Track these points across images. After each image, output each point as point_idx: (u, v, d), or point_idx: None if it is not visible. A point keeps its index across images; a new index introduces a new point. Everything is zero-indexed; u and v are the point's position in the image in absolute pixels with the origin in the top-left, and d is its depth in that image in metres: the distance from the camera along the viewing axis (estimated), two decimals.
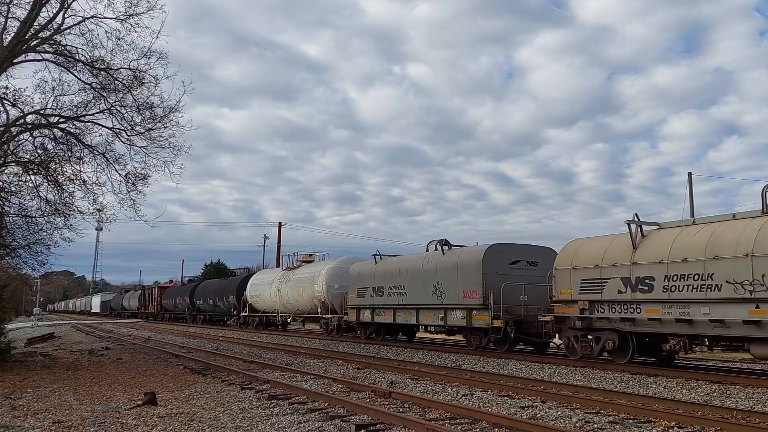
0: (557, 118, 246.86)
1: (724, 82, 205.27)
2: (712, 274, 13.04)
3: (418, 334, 26.03)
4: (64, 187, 17.86)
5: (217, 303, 44.99)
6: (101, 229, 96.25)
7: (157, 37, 16.65)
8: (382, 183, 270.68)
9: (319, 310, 29.94)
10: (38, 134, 17.91)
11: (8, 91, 17.21)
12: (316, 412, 9.33)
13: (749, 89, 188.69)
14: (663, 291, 13.94)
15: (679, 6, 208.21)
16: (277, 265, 57.14)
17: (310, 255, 35.31)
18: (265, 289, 36.42)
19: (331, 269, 29.89)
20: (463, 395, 10.93)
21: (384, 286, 23.86)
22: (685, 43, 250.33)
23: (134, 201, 17.95)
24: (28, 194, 18.38)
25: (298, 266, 34.57)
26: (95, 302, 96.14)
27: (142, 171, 18.03)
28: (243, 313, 39.86)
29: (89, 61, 16.88)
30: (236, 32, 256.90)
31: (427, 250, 22.95)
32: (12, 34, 16.03)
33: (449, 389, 11.65)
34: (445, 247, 21.64)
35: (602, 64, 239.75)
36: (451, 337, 24.06)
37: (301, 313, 33.36)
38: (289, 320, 36.23)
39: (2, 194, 18.30)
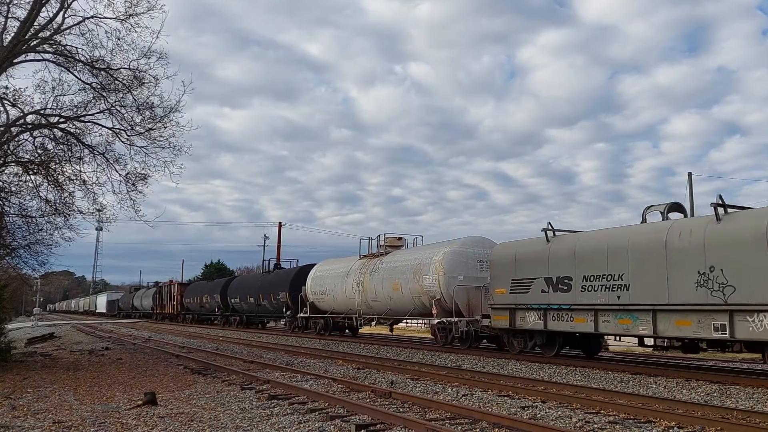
0: (559, 118, 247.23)
1: (727, 81, 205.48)
2: None
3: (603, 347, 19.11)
4: (64, 187, 17.90)
5: (261, 302, 36.60)
6: (101, 229, 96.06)
7: (157, 37, 16.67)
8: (382, 183, 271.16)
9: (434, 311, 21.59)
10: (38, 134, 17.93)
11: (8, 91, 17.25)
12: (317, 412, 9.33)
13: (752, 89, 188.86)
14: None
15: (681, 5, 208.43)
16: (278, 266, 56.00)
17: (399, 238, 27.12)
18: (337, 283, 28.20)
19: (451, 254, 21.73)
20: (463, 395, 10.92)
21: (572, 275, 15.93)
22: (687, 42, 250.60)
23: (134, 201, 17.98)
24: (28, 194, 18.42)
25: (385, 252, 26.50)
26: (101, 302, 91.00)
27: (142, 171, 18.06)
28: (302, 314, 31.33)
29: (89, 61, 16.89)
30: (237, 31, 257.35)
31: (644, 220, 15.73)
32: (12, 34, 16.04)
33: (449, 389, 11.65)
34: (720, 209, 13.26)
35: (604, 64, 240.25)
36: (689, 355, 16.73)
37: (396, 314, 25.05)
38: (373, 323, 27.38)
39: (2, 194, 18.31)
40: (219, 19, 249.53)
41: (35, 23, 16.13)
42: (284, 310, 34.14)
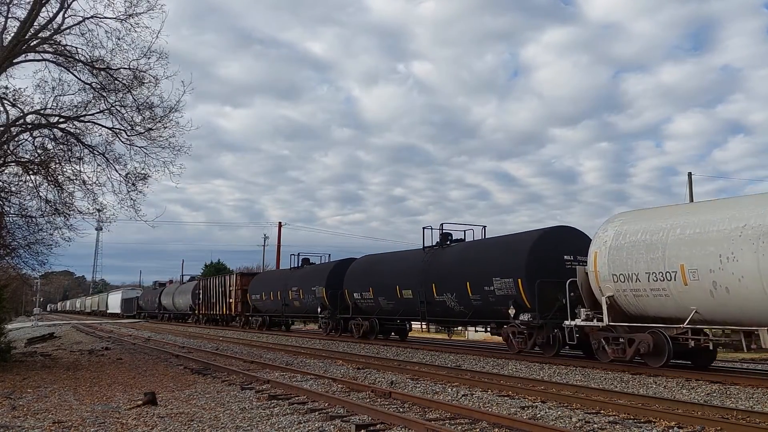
0: (562, 117, 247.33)
1: (732, 80, 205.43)
2: None
3: None
4: (64, 187, 17.92)
5: (435, 297, 20.54)
6: (101, 229, 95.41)
7: (157, 36, 16.70)
8: (384, 182, 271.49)
9: None
10: (38, 134, 17.96)
11: (8, 91, 17.30)
12: (316, 412, 9.33)
13: (756, 87, 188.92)
14: None
15: (687, 3, 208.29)
16: (278, 266, 51.36)
17: None
18: (732, 252, 11.90)
19: None
20: (463, 395, 10.92)
21: None
22: (692, 41, 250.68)
23: (134, 201, 18.02)
24: (28, 194, 18.45)
25: None
26: (114, 300, 78.63)
27: (142, 171, 18.08)
28: (580, 321, 15.37)
29: (89, 61, 16.91)
30: (240, 30, 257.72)
31: None
32: (12, 34, 16.05)
33: (449, 389, 11.65)
34: None
35: (608, 62, 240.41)
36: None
37: None
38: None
39: (2, 194, 18.32)
40: (221, 17, 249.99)
41: (35, 23, 16.15)
42: (511, 310, 17.55)
